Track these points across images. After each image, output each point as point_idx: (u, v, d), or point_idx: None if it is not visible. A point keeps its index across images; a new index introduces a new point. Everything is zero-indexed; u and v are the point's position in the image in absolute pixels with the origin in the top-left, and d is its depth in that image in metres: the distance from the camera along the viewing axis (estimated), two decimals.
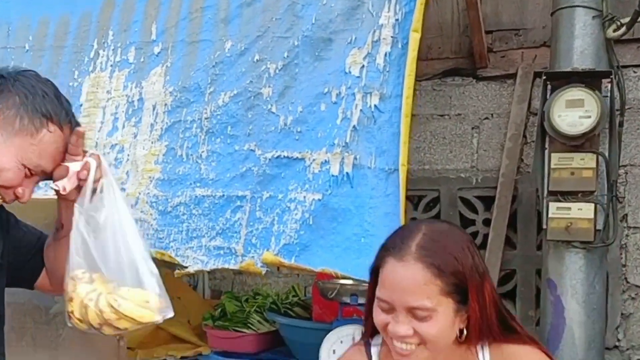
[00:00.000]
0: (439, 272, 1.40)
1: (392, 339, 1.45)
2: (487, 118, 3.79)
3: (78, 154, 1.50)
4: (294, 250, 2.42)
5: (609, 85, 2.69)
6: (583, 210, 2.62)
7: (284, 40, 2.60)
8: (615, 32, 2.64)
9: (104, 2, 3.03)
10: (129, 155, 2.80)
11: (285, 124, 2.53)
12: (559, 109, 2.60)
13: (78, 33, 3.06)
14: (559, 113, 2.60)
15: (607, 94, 2.66)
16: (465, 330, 1.46)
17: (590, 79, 2.62)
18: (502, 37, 3.77)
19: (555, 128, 2.60)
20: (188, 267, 2.57)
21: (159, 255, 2.63)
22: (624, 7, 2.82)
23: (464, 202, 3.81)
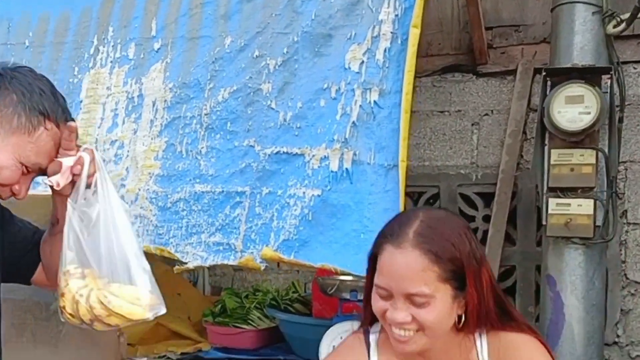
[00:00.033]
0: (437, 258, 1.41)
1: (390, 326, 1.46)
2: (487, 114, 3.78)
3: (71, 149, 1.49)
4: (293, 246, 2.42)
5: (609, 82, 2.68)
6: (583, 207, 2.62)
7: (284, 36, 2.60)
8: (615, 28, 2.63)
9: None
10: (129, 152, 2.80)
11: (285, 120, 2.53)
12: (559, 105, 2.60)
13: (78, 29, 3.06)
14: (559, 109, 2.59)
15: (606, 90, 2.66)
16: (464, 317, 1.47)
17: (590, 75, 2.62)
18: (502, 33, 3.76)
19: (555, 124, 2.59)
20: (187, 263, 2.57)
21: (159, 251, 2.64)
22: (624, 3, 2.81)
23: (464, 198, 3.81)
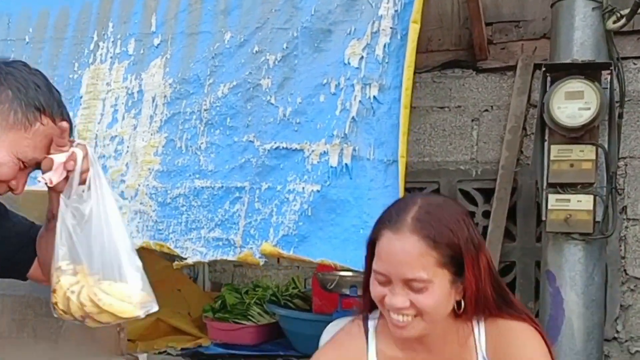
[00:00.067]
0: (435, 243, 1.41)
1: (389, 311, 1.46)
2: (486, 110, 3.78)
3: (64, 145, 1.49)
4: (293, 242, 2.42)
5: (609, 77, 2.68)
6: (582, 202, 2.62)
7: (284, 32, 2.60)
8: (615, 23, 2.63)
9: None
10: (129, 147, 2.80)
11: (284, 115, 2.53)
12: (559, 101, 2.60)
13: (78, 25, 3.06)
14: (559, 105, 2.59)
15: (606, 86, 2.66)
16: (462, 303, 1.47)
17: (590, 71, 2.62)
18: (502, 29, 3.76)
19: (555, 120, 2.59)
20: (187, 258, 2.58)
21: (158, 247, 2.64)
22: None
23: (464, 194, 3.81)
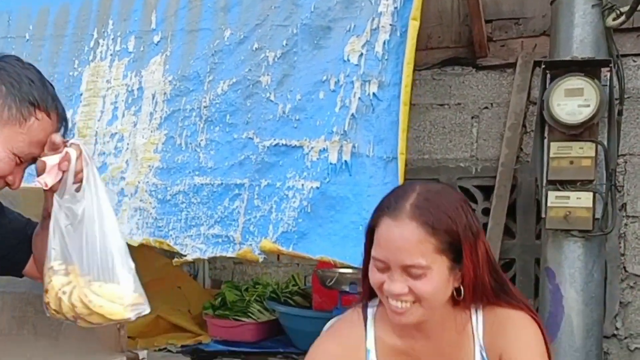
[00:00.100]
0: (433, 230, 1.41)
1: (387, 298, 1.46)
2: (486, 107, 3.78)
3: (57, 148, 1.47)
4: (292, 238, 2.42)
5: (608, 74, 2.68)
6: (582, 199, 2.62)
7: (283, 29, 2.60)
8: (615, 20, 2.63)
9: None
10: (129, 144, 2.80)
11: (284, 112, 2.53)
12: (558, 98, 2.60)
13: (78, 22, 3.06)
14: (558, 102, 2.59)
15: (606, 83, 2.66)
16: (461, 290, 1.48)
17: (590, 68, 2.62)
18: (502, 26, 3.76)
19: (555, 117, 2.59)
20: (187, 255, 2.58)
21: (158, 244, 2.64)
22: None
23: (464, 191, 3.81)
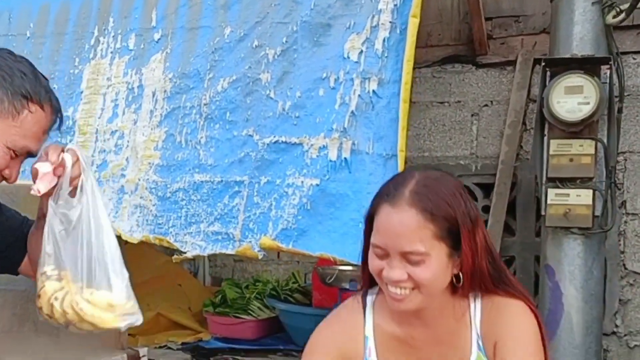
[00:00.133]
0: (432, 216, 1.42)
1: (386, 285, 1.47)
2: (486, 105, 3.78)
3: (52, 161, 1.44)
4: (292, 235, 2.43)
5: (608, 72, 2.69)
6: (581, 197, 2.63)
7: (283, 26, 2.60)
8: (615, 18, 2.64)
9: None
10: (129, 142, 2.81)
11: (284, 110, 2.53)
12: (558, 96, 2.60)
13: (78, 20, 3.06)
14: (558, 99, 2.60)
15: (606, 81, 2.66)
16: (461, 278, 1.48)
17: (590, 66, 2.62)
18: (501, 23, 3.76)
19: (554, 114, 2.60)
20: (186, 252, 2.58)
21: (158, 241, 2.65)
22: None
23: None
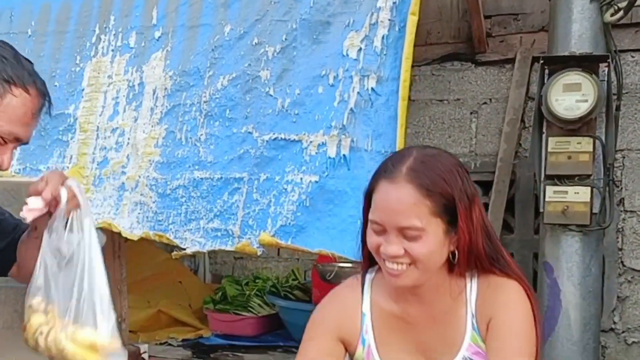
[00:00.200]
0: (428, 192, 1.43)
1: (384, 260, 1.49)
2: (485, 103, 3.80)
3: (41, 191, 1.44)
4: (291, 232, 2.44)
5: (607, 70, 2.69)
6: (580, 194, 2.64)
7: (283, 24, 2.61)
8: (613, 16, 2.64)
9: None
10: (130, 139, 2.82)
11: (283, 107, 2.54)
12: (556, 93, 2.61)
13: (80, 18, 3.07)
14: (556, 97, 2.60)
15: (604, 78, 2.67)
16: (457, 255, 1.49)
17: (588, 63, 2.63)
18: (500, 21, 3.77)
19: (553, 112, 2.60)
20: (186, 248, 2.60)
21: (158, 237, 2.66)
22: None
23: None
